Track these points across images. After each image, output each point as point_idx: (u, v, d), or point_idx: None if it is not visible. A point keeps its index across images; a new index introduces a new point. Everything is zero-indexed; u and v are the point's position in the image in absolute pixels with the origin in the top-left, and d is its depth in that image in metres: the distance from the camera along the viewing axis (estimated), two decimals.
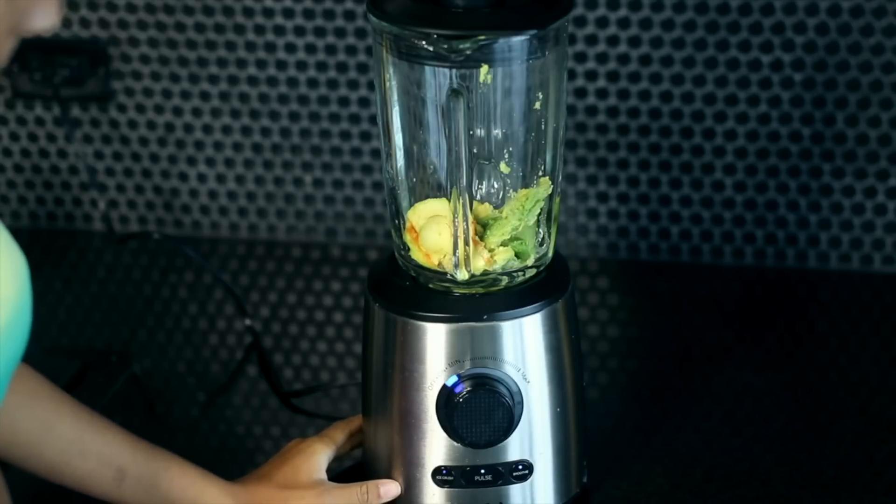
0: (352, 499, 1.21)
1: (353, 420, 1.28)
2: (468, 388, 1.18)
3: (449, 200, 1.17)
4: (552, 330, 1.20)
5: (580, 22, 1.62)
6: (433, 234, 1.19)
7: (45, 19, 0.84)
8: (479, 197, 1.22)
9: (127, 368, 1.48)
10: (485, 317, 1.18)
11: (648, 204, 1.69)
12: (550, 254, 1.23)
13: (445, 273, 1.20)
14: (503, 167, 1.21)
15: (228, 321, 1.60)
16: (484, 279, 1.20)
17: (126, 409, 1.43)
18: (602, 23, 1.63)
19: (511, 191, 1.22)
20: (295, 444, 1.25)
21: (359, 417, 1.28)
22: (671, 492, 1.29)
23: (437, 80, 1.17)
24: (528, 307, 1.19)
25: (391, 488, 1.23)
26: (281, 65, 1.69)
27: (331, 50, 1.68)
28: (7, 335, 0.84)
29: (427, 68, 1.17)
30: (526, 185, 1.21)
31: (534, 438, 1.21)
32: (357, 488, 1.22)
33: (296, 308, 1.63)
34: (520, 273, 1.21)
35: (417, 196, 1.23)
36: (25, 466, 1.15)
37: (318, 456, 1.23)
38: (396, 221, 1.24)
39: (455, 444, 1.20)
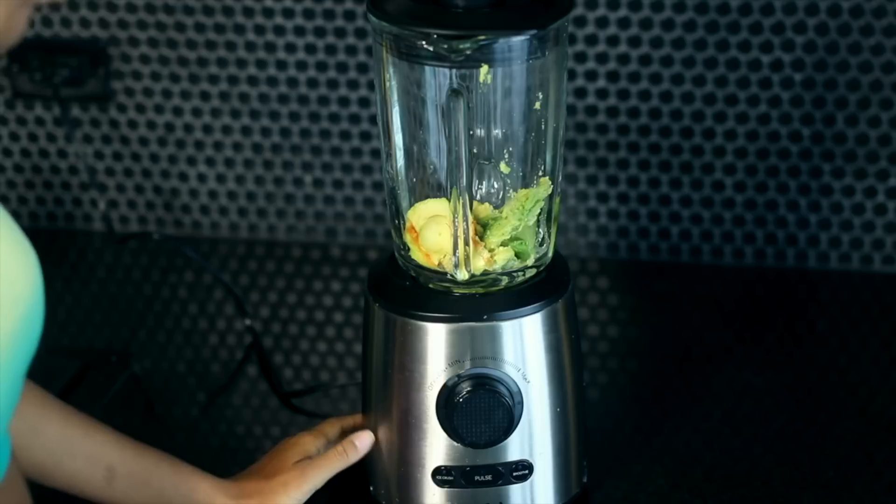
0: (333, 463, 1.22)
1: (347, 417, 1.29)
2: (468, 388, 1.18)
3: (449, 200, 1.17)
4: (552, 330, 1.20)
5: (580, 22, 1.62)
6: (433, 234, 1.19)
7: None
8: (479, 197, 1.22)
9: (127, 368, 1.48)
10: (485, 317, 1.18)
11: (648, 204, 1.69)
12: (550, 254, 1.23)
13: (445, 273, 1.20)
14: (503, 167, 1.21)
15: (228, 321, 1.60)
16: (484, 279, 1.20)
17: (126, 409, 1.43)
18: (602, 23, 1.62)
19: (511, 191, 1.22)
20: (286, 440, 1.26)
21: (353, 416, 1.28)
22: (671, 492, 1.29)
23: (437, 80, 1.17)
24: (528, 307, 1.19)
25: (365, 438, 1.23)
26: (281, 65, 1.69)
27: (331, 50, 1.68)
28: (24, 328, 0.84)
29: (427, 68, 1.16)
30: (526, 185, 1.21)
31: (534, 438, 1.21)
32: (334, 451, 1.22)
33: (296, 308, 1.63)
34: (520, 273, 1.21)
35: (417, 196, 1.23)
36: None
37: (306, 447, 1.23)
38: (396, 221, 1.24)
39: (455, 444, 1.20)
